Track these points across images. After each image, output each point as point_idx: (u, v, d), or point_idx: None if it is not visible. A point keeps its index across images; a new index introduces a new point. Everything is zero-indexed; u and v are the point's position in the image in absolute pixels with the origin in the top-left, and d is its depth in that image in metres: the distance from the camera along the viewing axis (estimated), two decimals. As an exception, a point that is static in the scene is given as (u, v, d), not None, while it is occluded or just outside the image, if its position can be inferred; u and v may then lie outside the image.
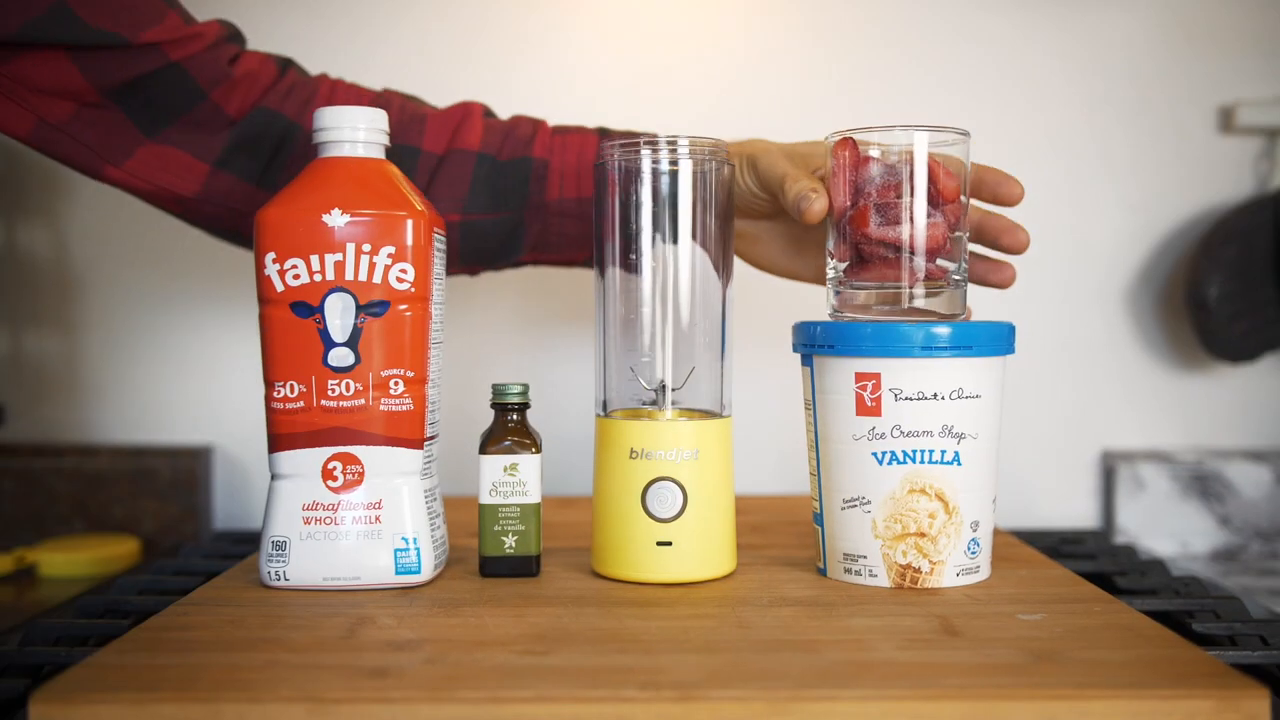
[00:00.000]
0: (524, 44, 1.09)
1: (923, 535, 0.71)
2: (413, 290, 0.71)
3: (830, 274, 0.76)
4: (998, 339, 0.72)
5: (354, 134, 0.71)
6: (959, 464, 0.71)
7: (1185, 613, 0.72)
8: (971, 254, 0.78)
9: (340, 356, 0.70)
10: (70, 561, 0.96)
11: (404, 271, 0.70)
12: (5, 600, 0.90)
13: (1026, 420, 1.08)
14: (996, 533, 0.77)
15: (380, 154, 0.72)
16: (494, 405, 0.75)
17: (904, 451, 0.70)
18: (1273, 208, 1.05)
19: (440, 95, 0.90)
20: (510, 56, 1.09)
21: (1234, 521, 1.09)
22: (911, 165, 0.71)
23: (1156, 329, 1.11)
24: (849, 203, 0.73)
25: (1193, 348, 1.10)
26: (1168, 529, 1.09)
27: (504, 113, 0.89)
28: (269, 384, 0.71)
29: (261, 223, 0.70)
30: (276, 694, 0.52)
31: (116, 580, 0.81)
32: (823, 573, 0.75)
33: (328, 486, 0.71)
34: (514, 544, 0.74)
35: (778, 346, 0.83)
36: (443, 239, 0.75)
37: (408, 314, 0.71)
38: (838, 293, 0.75)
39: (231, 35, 0.80)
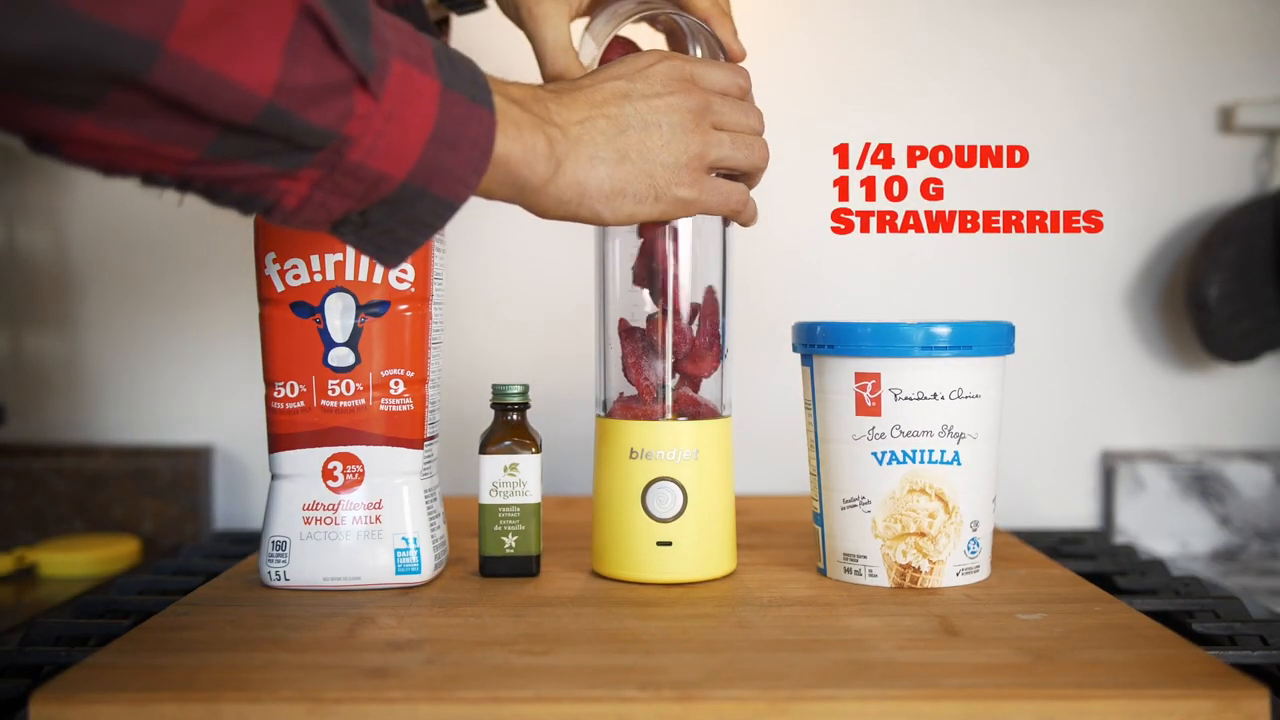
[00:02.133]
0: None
1: (923, 535, 0.71)
2: (413, 290, 0.71)
3: None
4: (998, 339, 0.72)
5: None
6: (959, 464, 0.71)
7: (1185, 613, 0.72)
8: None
9: (340, 356, 0.70)
10: (70, 561, 0.96)
11: (404, 271, 0.70)
12: (5, 600, 0.90)
13: (1026, 420, 1.08)
14: (996, 533, 0.77)
15: None
16: (494, 405, 0.75)
17: (904, 451, 0.70)
18: (1273, 208, 1.05)
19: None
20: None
21: (1234, 521, 1.09)
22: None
23: (1156, 329, 1.11)
24: None
25: (1193, 348, 1.10)
26: (1168, 529, 1.09)
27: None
28: (269, 384, 0.71)
29: (262, 223, 0.70)
30: (276, 694, 0.52)
31: (116, 580, 0.81)
32: (823, 573, 0.75)
33: (328, 486, 0.71)
34: (514, 544, 0.74)
35: (778, 346, 0.83)
36: (443, 239, 0.75)
37: (408, 314, 0.71)
38: None
39: None
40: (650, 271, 0.74)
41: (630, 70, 0.66)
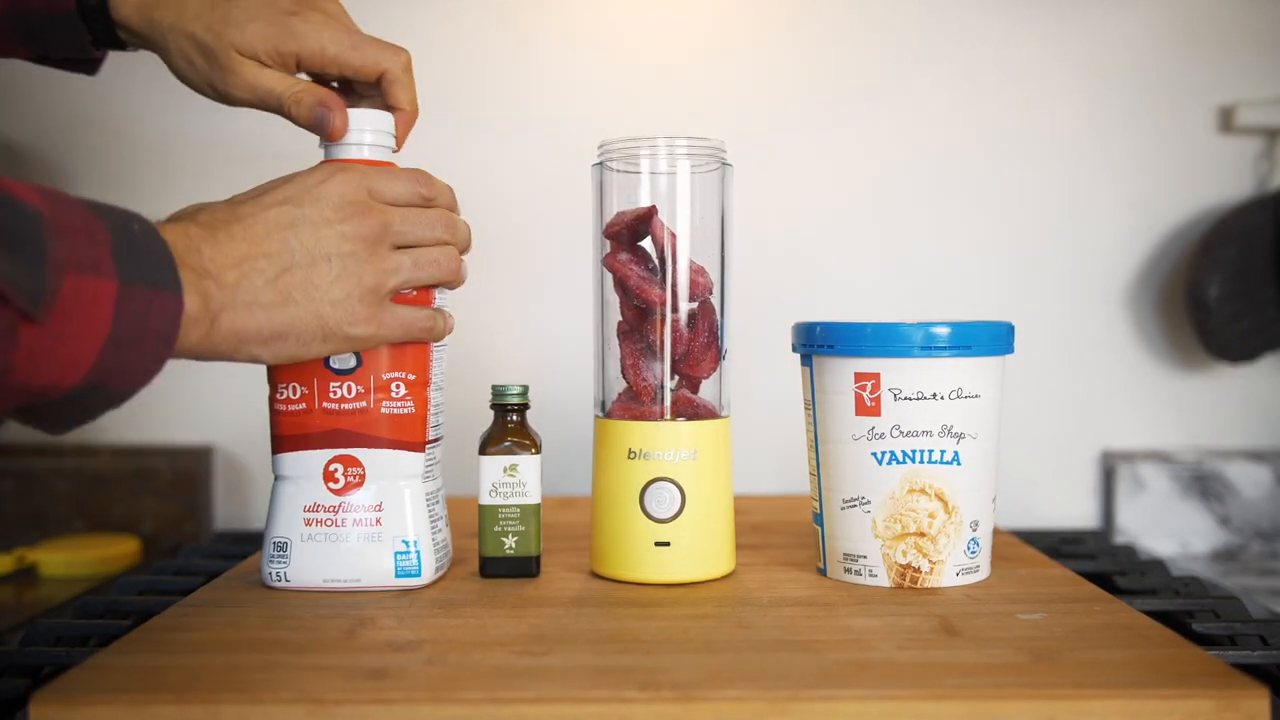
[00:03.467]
0: (530, 41, 1.09)
1: (922, 535, 0.71)
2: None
3: None
4: (997, 339, 0.72)
5: (360, 136, 0.71)
6: (959, 464, 0.71)
7: (1185, 613, 0.72)
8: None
9: (342, 359, 0.70)
10: (70, 561, 0.96)
11: (404, 272, 0.70)
12: (5, 600, 0.90)
13: (1026, 420, 1.08)
14: (996, 533, 0.78)
15: (386, 156, 0.72)
16: (494, 406, 0.75)
17: (903, 451, 0.70)
18: (1273, 208, 1.05)
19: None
20: (518, 51, 1.09)
21: (1234, 521, 1.09)
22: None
23: (1156, 329, 1.11)
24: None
25: (1193, 348, 1.10)
26: (1168, 529, 1.09)
27: (502, 101, 0.88)
28: (272, 385, 0.71)
29: (262, 223, 0.70)
30: (277, 695, 0.52)
31: (116, 580, 0.81)
32: (823, 573, 0.75)
33: (329, 488, 0.71)
34: (514, 544, 0.74)
35: (777, 346, 0.83)
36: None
37: (408, 315, 0.71)
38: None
39: None
40: (641, 314, 0.74)
41: (299, 192, 0.61)
